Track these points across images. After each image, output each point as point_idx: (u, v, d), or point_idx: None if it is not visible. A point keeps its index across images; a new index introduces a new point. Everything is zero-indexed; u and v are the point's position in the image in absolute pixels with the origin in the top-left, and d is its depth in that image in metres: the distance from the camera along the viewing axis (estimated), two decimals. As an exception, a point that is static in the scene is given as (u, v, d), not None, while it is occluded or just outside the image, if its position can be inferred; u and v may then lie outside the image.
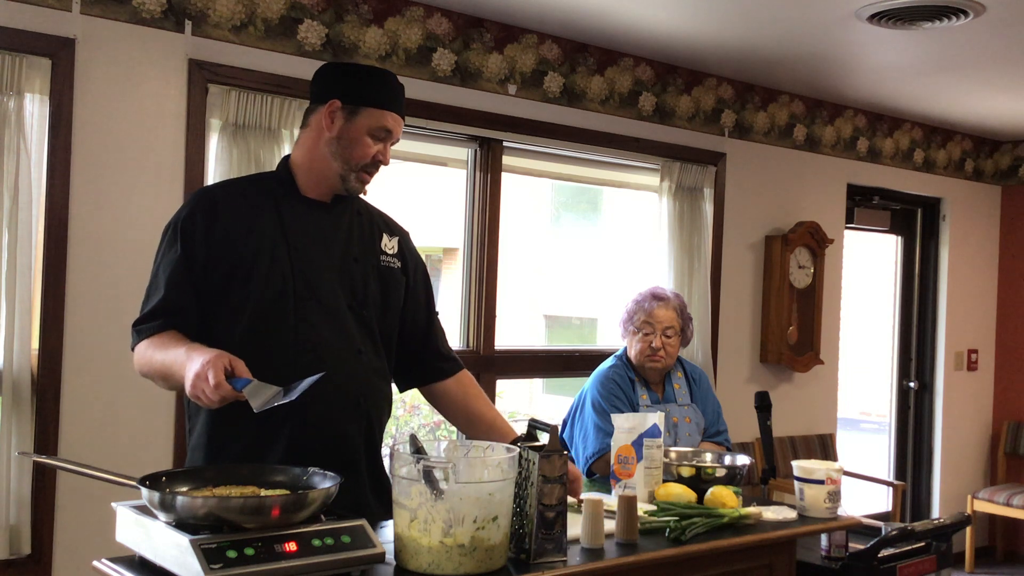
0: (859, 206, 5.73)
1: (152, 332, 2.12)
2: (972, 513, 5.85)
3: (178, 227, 2.17)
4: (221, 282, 2.14)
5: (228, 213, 2.18)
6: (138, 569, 1.86)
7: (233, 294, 2.14)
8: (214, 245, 2.14)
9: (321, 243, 2.23)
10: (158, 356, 2.08)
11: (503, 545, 1.94)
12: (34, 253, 3.04)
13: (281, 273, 2.15)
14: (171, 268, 2.14)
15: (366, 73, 2.24)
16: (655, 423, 2.66)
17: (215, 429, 2.16)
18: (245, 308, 2.13)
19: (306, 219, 2.23)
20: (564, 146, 4.29)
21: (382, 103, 2.21)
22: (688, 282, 4.63)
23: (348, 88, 2.20)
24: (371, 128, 2.20)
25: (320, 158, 2.22)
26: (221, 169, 3.32)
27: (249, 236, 2.16)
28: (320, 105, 2.21)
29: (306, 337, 2.15)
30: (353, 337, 2.22)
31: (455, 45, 3.90)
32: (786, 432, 5.19)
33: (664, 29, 4.06)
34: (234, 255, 2.14)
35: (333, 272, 2.22)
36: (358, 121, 2.19)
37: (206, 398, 1.91)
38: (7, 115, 2.96)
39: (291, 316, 2.15)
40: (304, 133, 2.26)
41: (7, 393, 2.98)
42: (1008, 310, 6.39)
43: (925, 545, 3.18)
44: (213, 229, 2.15)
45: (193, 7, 3.29)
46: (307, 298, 2.17)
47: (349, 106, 2.19)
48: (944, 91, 5.03)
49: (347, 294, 2.23)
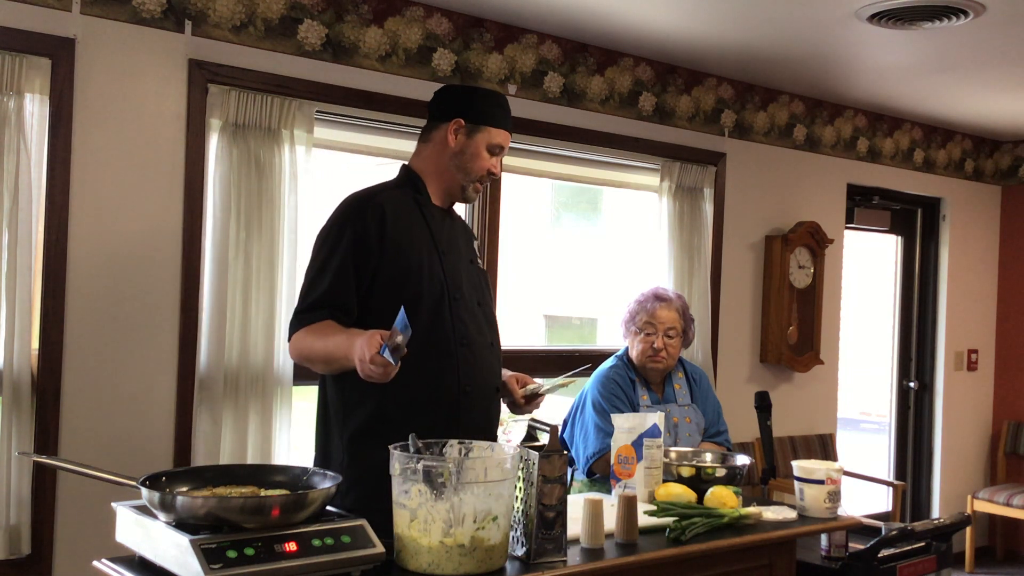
0: (859, 206, 5.73)
1: (312, 321, 2.35)
2: (972, 513, 5.85)
3: (347, 227, 2.39)
4: (389, 282, 2.38)
5: (395, 220, 2.42)
6: (138, 569, 1.86)
7: (404, 293, 2.37)
8: (387, 246, 2.38)
9: (455, 247, 2.53)
10: (319, 344, 2.32)
11: (503, 545, 1.94)
12: (34, 253, 3.03)
13: (438, 276, 2.43)
14: (340, 264, 2.37)
15: (484, 95, 2.57)
16: (655, 423, 2.66)
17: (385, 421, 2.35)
18: (411, 306, 2.29)
19: (442, 225, 2.52)
20: (564, 146, 4.29)
21: (497, 122, 2.53)
22: (688, 282, 4.63)
23: (470, 108, 2.50)
24: (489, 144, 2.52)
25: (444, 170, 2.52)
26: (221, 169, 3.32)
27: (413, 242, 2.42)
28: (442, 122, 2.51)
29: (462, 333, 2.43)
30: (485, 331, 2.53)
31: (455, 45, 3.90)
32: (786, 432, 5.19)
33: (664, 29, 4.07)
34: (402, 260, 2.39)
35: (465, 273, 2.52)
36: (478, 138, 2.50)
37: (377, 375, 2.11)
38: (7, 115, 2.96)
39: (448, 315, 2.42)
40: (425, 147, 2.55)
41: (7, 393, 2.98)
42: (1008, 310, 6.39)
43: (925, 545, 3.18)
44: (384, 232, 2.39)
45: (193, 7, 3.29)
46: (458, 298, 2.45)
47: (470, 125, 2.49)
48: (944, 91, 5.03)
49: (474, 292, 2.53)
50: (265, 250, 3.39)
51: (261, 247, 3.39)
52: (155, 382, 3.25)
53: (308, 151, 3.50)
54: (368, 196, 2.47)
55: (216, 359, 3.30)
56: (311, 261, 2.45)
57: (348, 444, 2.40)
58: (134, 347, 3.21)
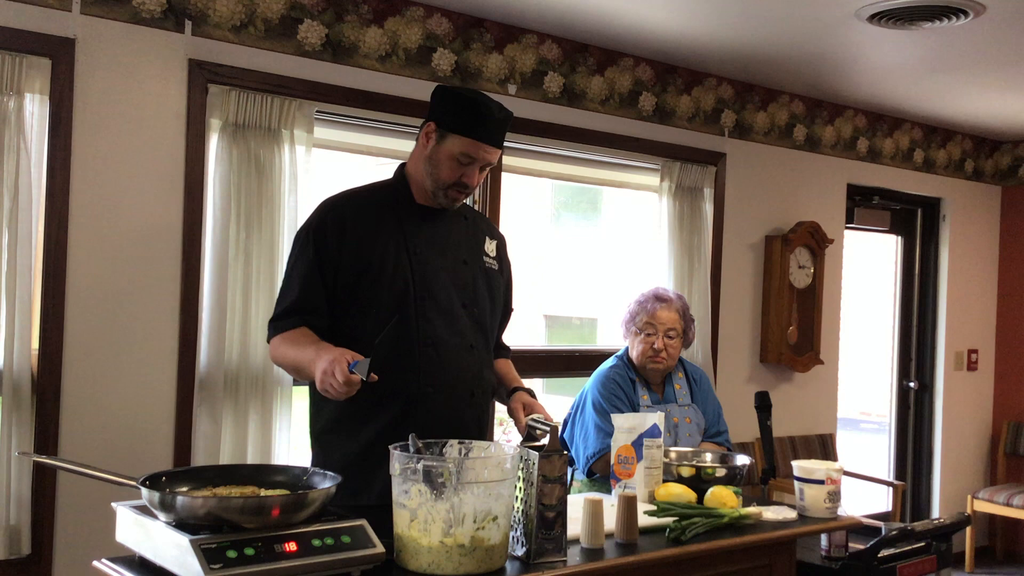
0: (859, 206, 5.73)
1: (285, 328, 2.39)
2: (972, 513, 5.85)
3: (311, 235, 2.42)
4: (350, 284, 2.39)
5: (356, 223, 2.42)
6: (138, 569, 1.86)
7: (361, 294, 2.38)
8: (345, 251, 2.39)
9: (436, 247, 2.47)
10: (291, 352, 2.34)
11: (503, 545, 1.94)
12: (34, 253, 3.03)
13: (403, 276, 2.40)
14: (305, 271, 2.40)
15: (466, 102, 2.42)
16: (655, 423, 2.66)
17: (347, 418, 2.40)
18: (372, 307, 2.38)
19: (422, 225, 2.48)
20: (564, 146, 4.29)
21: (470, 132, 2.40)
22: (688, 282, 4.63)
23: (444, 113, 2.43)
24: (458, 153, 2.41)
25: (419, 172, 2.49)
26: (221, 169, 3.32)
27: (375, 243, 2.40)
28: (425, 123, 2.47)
29: (426, 333, 2.39)
30: (466, 334, 2.48)
31: (455, 45, 3.90)
32: (786, 432, 5.19)
33: (664, 29, 4.06)
34: (362, 260, 2.39)
35: (447, 274, 2.46)
36: (447, 144, 2.42)
37: (334, 391, 2.13)
38: (7, 115, 2.96)
39: (412, 314, 2.39)
40: (415, 146, 2.52)
41: (7, 393, 2.98)
42: (1008, 310, 6.39)
43: (925, 545, 3.18)
44: (343, 237, 2.39)
45: (193, 7, 3.29)
46: (425, 298, 2.41)
47: (441, 130, 2.42)
48: (944, 91, 5.03)
49: (460, 294, 2.48)
50: (265, 250, 3.39)
51: (261, 247, 3.39)
52: (155, 382, 3.25)
53: (308, 151, 3.50)
54: (331, 204, 2.49)
55: (216, 359, 3.30)
56: (286, 268, 2.50)
57: (318, 437, 2.49)
58: (134, 347, 3.21)
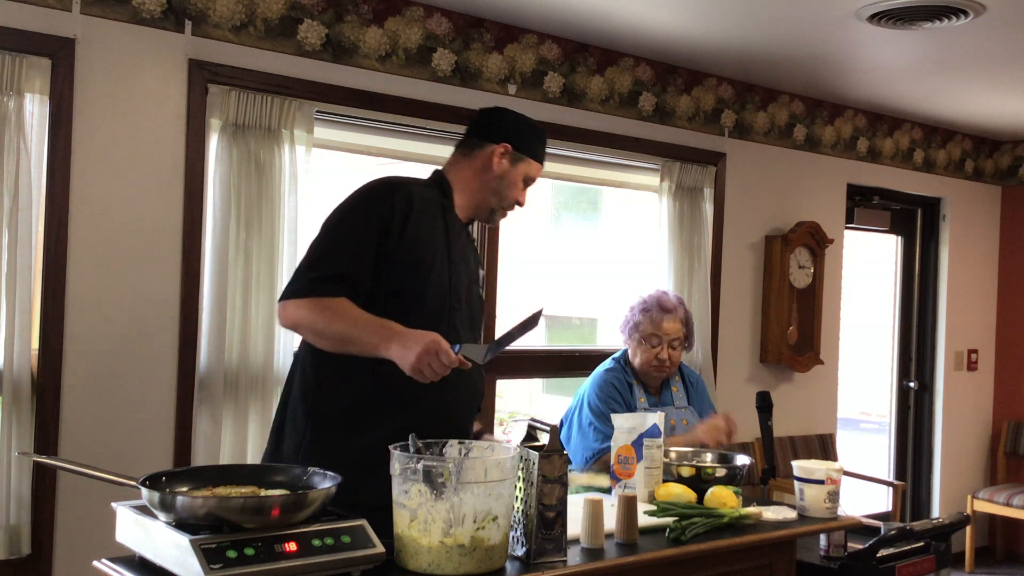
0: (859, 206, 5.73)
1: (325, 293, 2.26)
2: (972, 513, 5.85)
3: (375, 209, 2.33)
4: (400, 272, 2.33)
5: (420, 216, 2.37)
6: (138, 569, 1.86)
7: (406, 288, 2.34)
8: (405, 240, 2.32)
9: (464, 261, 2.50)
10: (338, 321, 2.23)
11: (503, 545, 1.94)
12: (34, 253, 3.03)
13: (444, 282, 2.40)
14: (360, 244, 2.30)
15: (537, 129, 2.58)
16: (655, 423, 2.66)
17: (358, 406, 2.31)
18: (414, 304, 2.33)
19: (459, 236, 2.50)
20: (564, 146, 4.29)
21: (539, 156, 2.56)
22: (688, 282, 4.63)
23: (520, 137, 2.50)
24: (527, 175, 2.53)
25: (479, 189, 2.51)
26: (221, 169, 3.32)
27: (430, 242, 2.38)
28: (489, 142, 2.49)
29: (454, 342, 2.31)
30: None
31: (455, 45, 3.90)
32: (786, 432, 5.19)
33: (664, 29, 4.06)
34: (415, 256, 2.34)
35: (466, 289, 2.49)
36: (520, 167, 2.51)
37: (431, 372, 2.13)
38: (7, 115, 2.96)
39: (445, 322, 2.38)
40: (463, 160, 2.52)
41: (7, 393, 2.98)
42: (1008, 310, 6.39)
43: (924, 545, 3.18)
44: (406, 225, 2.33)
45: (193, 7, 3.29)
46: (456, 308, 2.43)
47: (516, 153, 2.49)
48: (944, 91, 5.03)
49: (471, 311, 2.51)
50: (265, 250, 3.39)
51: (261, 247, 3.39)
52: (155, 382, 3.25)
53: (308, 151, 3.50)
54: (398, 183, 2.42)
55: (216, 359, 3.30)
56: (326, 232, 2.35)
57: (315, 424, 2.32)
58: (134, 347, 3.21)
